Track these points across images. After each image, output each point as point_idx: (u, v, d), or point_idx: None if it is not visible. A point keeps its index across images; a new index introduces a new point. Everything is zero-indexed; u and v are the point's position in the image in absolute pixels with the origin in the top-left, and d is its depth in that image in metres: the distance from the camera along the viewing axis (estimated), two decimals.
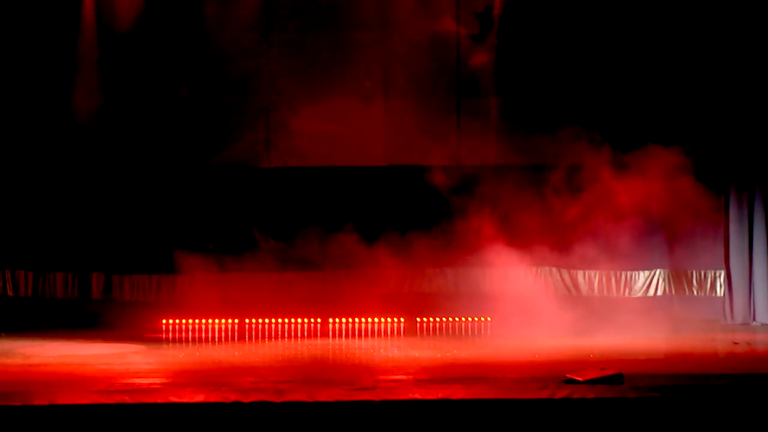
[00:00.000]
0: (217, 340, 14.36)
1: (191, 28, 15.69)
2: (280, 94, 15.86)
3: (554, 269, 15.68)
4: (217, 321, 14.91)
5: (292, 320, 14.94)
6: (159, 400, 8.64)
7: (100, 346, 13.30)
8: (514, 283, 15.54)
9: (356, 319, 14.95)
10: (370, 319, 14.97)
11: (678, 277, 15.98)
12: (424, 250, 15.51)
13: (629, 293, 15.95)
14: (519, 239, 14.89)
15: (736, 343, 13.27)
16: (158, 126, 15.69)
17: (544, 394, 8.86)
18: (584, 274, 15.91)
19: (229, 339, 14.40)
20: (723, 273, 15.65)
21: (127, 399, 8.65)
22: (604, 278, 15.95)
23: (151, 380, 10.27)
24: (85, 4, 15.54)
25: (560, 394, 8.88)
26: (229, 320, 14.92)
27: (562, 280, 15.85)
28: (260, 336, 14.51)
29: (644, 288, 15.95)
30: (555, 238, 15.20)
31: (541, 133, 15.45)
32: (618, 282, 15.97)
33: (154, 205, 15.67)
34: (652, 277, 15.96)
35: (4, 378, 10.56)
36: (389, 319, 15.02)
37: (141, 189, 15.69)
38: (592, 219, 15.05)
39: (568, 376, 9.79)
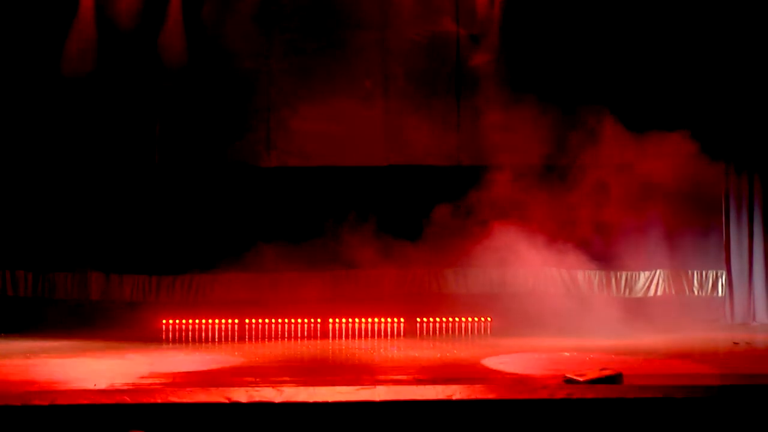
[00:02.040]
0: (217, 340, 14.35)
1: (189, 28, 15.69)
2: (280, 94, 15.85)
3: (554, 269, 15.66)
4: (217, 321, 14.90)
5: (292, 320, 14.94)
6: (159, 400, 8.62)
7: (100, 346, 13.29)
8: (514, 283, 15.55)
9: (356, 320, 14.95)
10: (370, 320, 14.96)
11: (678, 277, 15.98)
12: (424, 250, 15.50)
13: (629, 293, 15.94)
14: (519, 239, 14.87)
15: (736, 343, 13.27)
16: (157, 125, 15.69)
17: (544, 394, 8.84)
18: (584, 274, 15.91)
19: (229, 339, 14.39)
20: (723, 273, 15.66)
21: (127, 399, 8.63)
22: (604, 278, 15.95)
23: (151, 380, 10.26)
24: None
25: (560, 394, 8.85)
26: (229, 320, 14.91)
27: (562, 280, 15.84)
28: (260, 336, 14.51)
29: (644, 288, 15.94)
30: (555, 238, 15.19)
31: (540, 132, 15.46)
32: (618, 282, 15.96)
33: (153, 205, 15.67)
34: (653, 277, 15.95)
35: (4, 378, 10.55)
36: (389, 319, 15.01)
37: (141, 188, 15.69)
38: (592, 219, 15.05)
39: (568, 376, 9.78)
